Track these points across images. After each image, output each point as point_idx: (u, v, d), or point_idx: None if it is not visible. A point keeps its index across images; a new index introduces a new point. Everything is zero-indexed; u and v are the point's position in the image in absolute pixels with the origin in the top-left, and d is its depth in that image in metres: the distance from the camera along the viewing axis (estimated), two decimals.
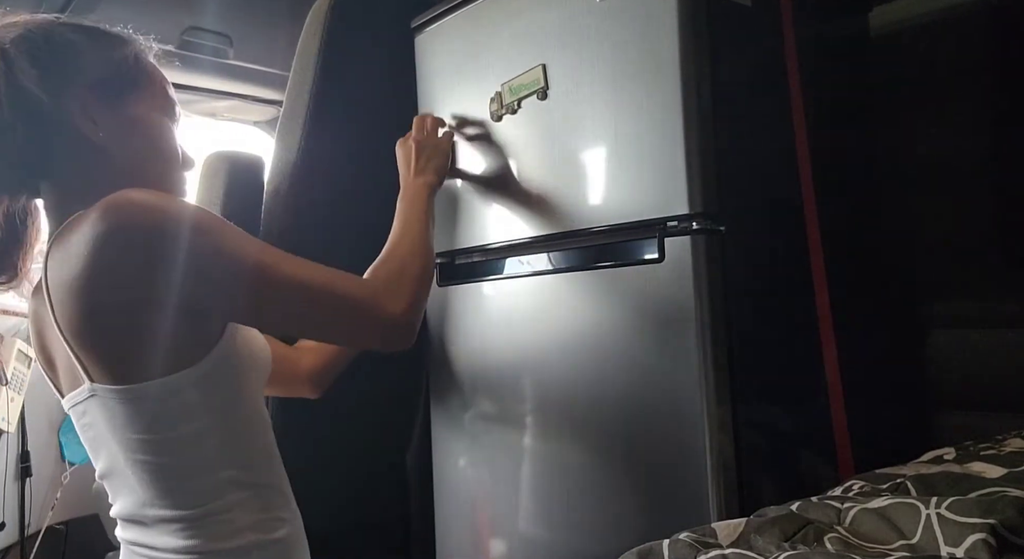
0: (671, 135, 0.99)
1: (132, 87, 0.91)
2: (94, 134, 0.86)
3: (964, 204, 1.37)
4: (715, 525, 0.74)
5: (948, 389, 1.37)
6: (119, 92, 0.89)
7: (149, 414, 0.82)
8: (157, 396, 0.81)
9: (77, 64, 0.86)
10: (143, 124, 0.91)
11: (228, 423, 0.87)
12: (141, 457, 0.84)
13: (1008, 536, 0.63)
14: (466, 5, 1.29)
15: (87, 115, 0.85)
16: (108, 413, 0.83)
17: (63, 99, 0.84)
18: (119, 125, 0.88)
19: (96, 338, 0.80)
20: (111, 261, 0.77)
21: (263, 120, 2.33)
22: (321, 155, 1.40)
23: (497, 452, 1.26)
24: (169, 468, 0.84)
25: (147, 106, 0.92)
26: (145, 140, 0.91)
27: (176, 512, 0.84)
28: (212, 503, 0.84)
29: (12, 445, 1.97)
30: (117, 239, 0.76)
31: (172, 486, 0.84)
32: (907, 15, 1.40)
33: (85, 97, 0.86)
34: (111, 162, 0.87)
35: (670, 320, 0.99)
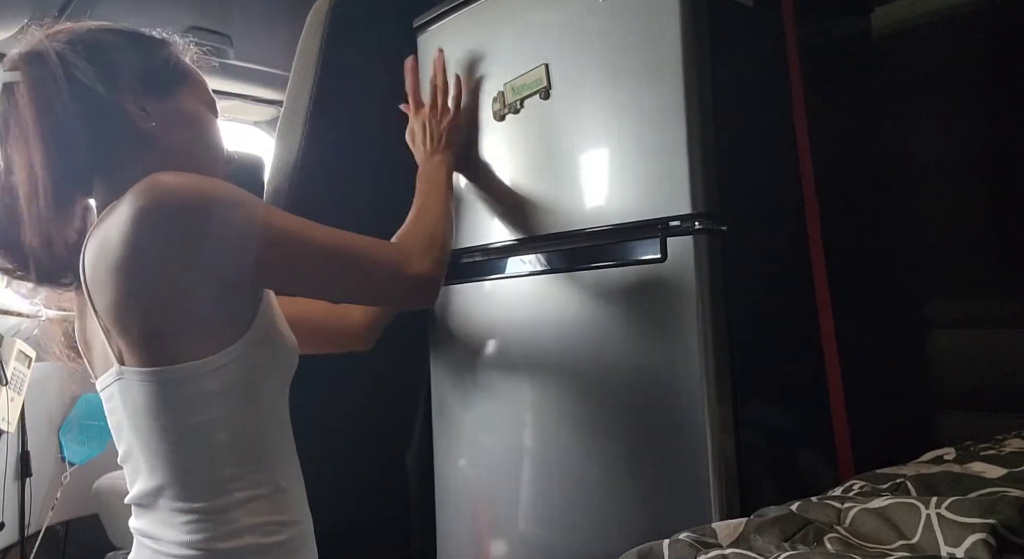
0: (673, 135, 0.99)
1: (178, 82, 0.95)
2: (146, 123, 0.89)
3: (964, 204, 1.37)
4: (715, 525, 0.74)
5: (948, 389, 1.37)
6: (167, 85, 0.93)
7: (168, 398, 0.83)
8: (178, 380, 0.82)
9: (126, 61, 0.90)
10: (191, 117, 0.95)
11: (242, 419, 0.87)
12: (154, 444, 0.85)
13: (1008, 536, 0.63)
14: (468, 5, 1.29)
15: (139, 105, 0.89)
16: (130, 397, 0.85)
17: (118, 92, 0.88)
18: (168, 116, 0.92)
19: (129, 319, 0.82)
20: (143, 240, 0.78)
21: (263, 120, 2.33)
22: (321, 155, 1.39)
23: (497, 452, 1.26)
24: (180, 457, 0.85)
25: (193, 100, 0.96)
26: (193, 132, 0.95)
27: (183, 504, 0.85)
28: (218, 499, 0.85)
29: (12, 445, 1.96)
30: (148, 218, 0.78)
31: (181, 477, 0.85)
32: (907, 15, 1.41)
33: (136, 89, 0.89)
34: (161, 152, 0.89)
35: (671, 320, 0.99)
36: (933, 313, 1.40)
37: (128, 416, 0.87)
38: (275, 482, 0.90)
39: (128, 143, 0.89)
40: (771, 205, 1.13)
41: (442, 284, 1.02)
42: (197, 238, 0.80)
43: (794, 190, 1.15)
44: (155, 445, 0.85)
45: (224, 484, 0.85)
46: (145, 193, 0.79)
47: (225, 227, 0.81)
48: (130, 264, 0.79)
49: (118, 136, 0.89)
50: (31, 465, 1.99)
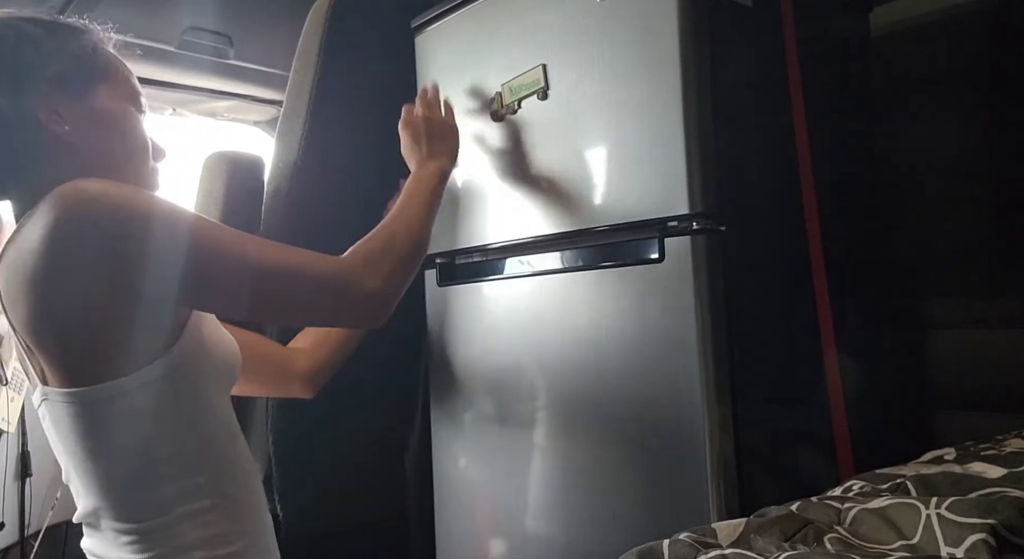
0: (671, 135, 0.99)
1: (95, 78, 0.87)
2: (59, 128, 0.83)
3: (964, 204, 1.37)
4: (715, 525, 0.74)
5: (948, 389, 1.37)
6: (82, 84, 0.86)
7: (94, 419, 0.79)
8: (103, 400, 0.78)
9: (36, 58, 0.83)
10: (109, 115, 0.88)
11: (180, 432, 0.83)
12: (88, 466, 0.81)
13: (1008, 536, 0.63)
14: (466, 5, 1.29)
15: (51, 110, 0.82)
16: (57, 418, 0.81)
17: (23, 96, 0.81)
18: (84, 118, 0.85)
19: (46, 336, 0.77)
20: (58, 252, 0.74)
21: (263, 120, 2.33)
22: (321, 155, 1.39)
23: (497, 452, 1.26)
24: (115, 478, 0.81)
25: (112, 96, 0.88)
26: (112, 132, 0.88)
27: (124, 524, 0.82)
28: (161, 516, 0.81)
29: (12, 445, 1.96)
30: (64, 229, 0.74)
31: (118, 497, 0.81)
32: (907, 15, 1.41)
33: (47, 91, 0.82)
34: (79, 156, 0.84)
35: (670, 320, 0.99)
36: (933, 313, 1.39)
37: (59, 438, 0.83)
38: (223, 492, 0.85)
39: (40, 149, 0.83)
40: (770, 205, 1.13)
41: (397, 300, 0.92)
42: (117, 250, 0.75)
43: (793, 190, 1.15)
44: (89, 467, 0.81)
45: (166, 501, 0.81)
46: (61, 202, 0.74)
47: (147, 239, 0.76)
48: (44, 278, 0.74)
49: (28, 143, 0.82)
50: (31, 465, 1.99)
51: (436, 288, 1.36)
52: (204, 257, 0.79)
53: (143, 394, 0.79)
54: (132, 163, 0.90)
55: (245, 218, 1.41)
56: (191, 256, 0.78)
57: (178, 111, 2.15)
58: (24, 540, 1.98)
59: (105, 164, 0.85)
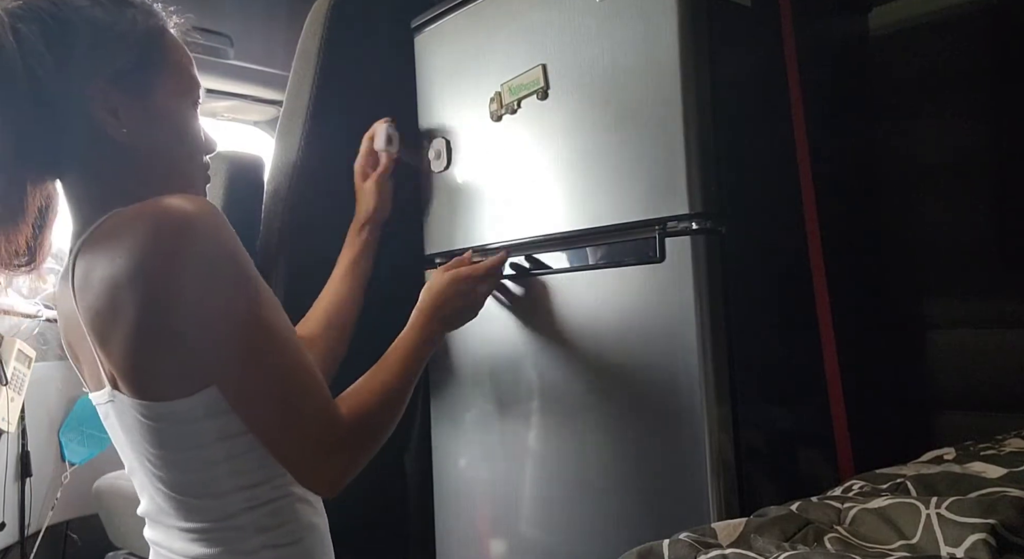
0: (670, 135, 0.99)
1: (156, 73, 0.83)
2: (117, 130, 0.80)
3: (964, 204, 1.37)
4: (715, 525, 0.74)
5: (948, 389, 1.37)
6: (143, 82, 0.82)
7: (163, 432, 0.79)
8: (172, 417, 0.78)
9: (97, 50, 0.78)
10: (167, 115, 0.84)
11: (241, 447, 0.82)
12: (155, 471, 0.82)
13: (1008, 536, 0.63)
14: (466, 5, 1.29)
15: (108, 109, 0.79)
16: (125, 421, 0.82)
17: (82, 92, 0.78)
18: (143, 118, 0.82)
19: (121, 348, 0.76)
20: (152, 275, 0.73)
21: (263, 120, 2.33)
22: (321, 155, 1.39)
23: (497, 452, 1.26)
24: (182, 485, 0.82)
25: (171, 93, 0.85)
26: (170, 132, 0.85)
27: (190, 524, 0.83)
28: (227, 516, 0.82)
29: (12, 445, 1.96)
30: (165, 253, 0.72)
31: (185, 501, 0.83)
32: (907, 15, 1.41)
33: (106, 92, 0.79)
34: (136, 156, 0.82)
35: (670, 320, 0.99)
36: (933, 313, 1.39)
37: (126, 438, 0.83)
38: (283, 493, 0.86)
39: (96, 145, 0.80)
40: (769, 205, 1.13)
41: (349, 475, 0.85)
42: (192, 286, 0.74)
43: (792, 190, 1.15)
44: (156, 469, 0.82)
45: (231, 501, 0.82)
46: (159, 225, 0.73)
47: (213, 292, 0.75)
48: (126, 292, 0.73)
49: (83, 138, 0.80)
50: (31, 465, 1.99)
51: None
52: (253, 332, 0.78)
53: (208, 413, 0.79)
54: (188, 162, 0.88)
55: (245, 218, 1.41)
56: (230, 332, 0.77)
57: None
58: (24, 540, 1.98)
59: (163, 165, 0.84)
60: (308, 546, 0.88)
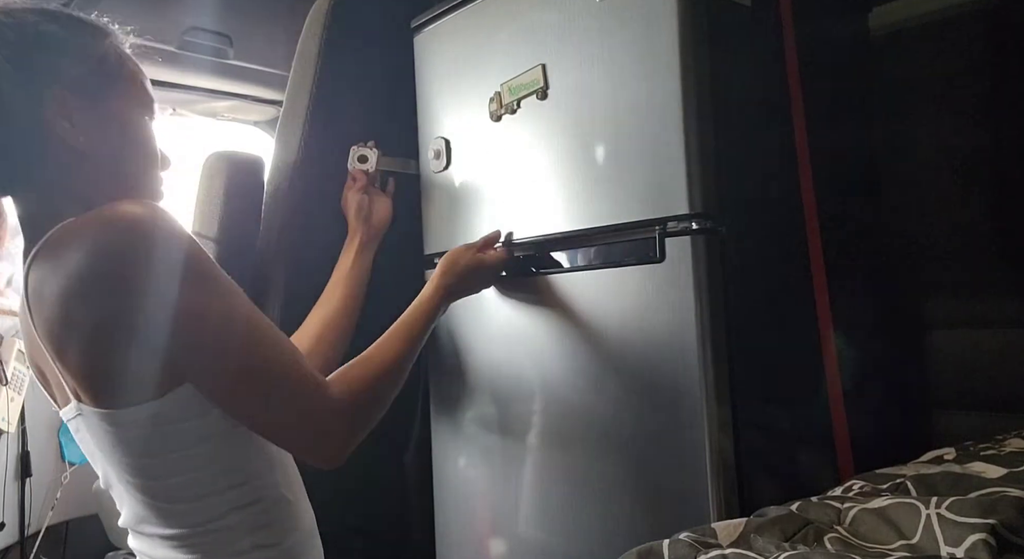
0: (670, 135, 0.99)
1: (112, 83, 0.84)
2: (73, 137, 0.79)
3: (964, 204, 1.37)
4: (715, 525, 0.74)
5: (948, 389, 1.36)
6: (99, 89, 0.82)
7: (136, 439, 0.78)
8: (143, 422, 0.77)
9: (54, 60, 0.79)
10: (124, 123, 0.85)
11: (223, 447, 0.81)
12: (131, 479, 0.80)
13: (1008, 536, 0.63)
14: (465, 5, 1.29)
15: (64, 116, 0.79)
16: (96, 433, 0.79)
17: (38, 100, 0.78)
18: (99, 126, 0.82)
19: (79, 358, 0.75)
20: (103, 280, 0.72)
21: (263, 120, 2.33)
22: (321, 155, 1.40)
23: (497, 452, 1.26)
24: (161, 491, 0.80)
25: (127, 103, 0.85)
26: (126, 140, 0.85)
27: (171, 531, 0.81)
28: (209, 524, 0.81)
29: (12, 445, 1.96)
30: (114, 257, 0.72)
31: (166, 508, 0.81)
32: (907, 15, 1.40)
33: (62, 97, 0.79)
34: (90, 164, 0.81)
35: (670, 320, 0.99)
36: (933, 313, 1.39)
37: (100, 450, 0.81)
38: (268, 494, 0.85)
39: (50, 154, 0.79)
40: (769, 205, 1.13)
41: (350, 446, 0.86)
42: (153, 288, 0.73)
43: (792, 190, 1.15)
44: (133, 479, 0.80)
45: (215, 502, 0.81)
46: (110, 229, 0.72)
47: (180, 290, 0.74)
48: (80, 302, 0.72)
49: (37, 147, 0.79)
50: (31, 465, 1.99)
51: None
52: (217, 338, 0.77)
53: (183, 415, 0.77)
54: (143, 173, 0.87)
55: (245, 218, 1.41)
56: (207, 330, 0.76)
57: (178, 111, 2.15)
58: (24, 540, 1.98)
59: (116, 172, 0.84)
60: (296, 542, 0.88)
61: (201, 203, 1.39)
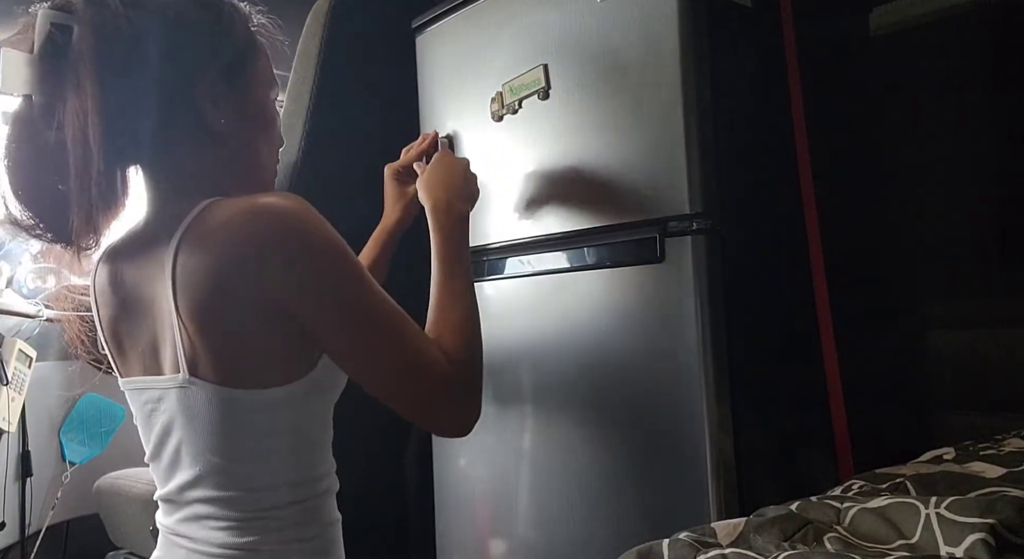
0: (671, 135, 0.99)
1: (253, 68, 0.87)
2: (215, 119, 0.83)
3: (964, 204, 1.37)
4: (715, 525, 0.74)
5: (948, 389, 1.37)
6: (241, 75, 0.86)
7: (232, 420, 0.80)
8: (250, 403, 0.79)
9: (205, 42, 0.83)
10: (259, 108, 0.89)
11: (304, 432, 0.85)
12: (213, 458, 0.82)
13: (1007, 536, 0.63)
14: (467, 6, 1.29)
15: (210, 99, 0.82)
16: (193, 407, 0.81)
17: (190, 78, 0.81)
18: (238, 110, 0.85)
19: (215, 332, 0.78)
20: (259, 263, 0.75)
21: None
22: (321, 155, 1.40)
23: (497, 452, 1.26)
24: (239, 475, 0.82)
25: (262, 86, 0.89)
26: (258, 125, 0.89)
27: (231, 513, 0.82)
28: (269, 512, 0.83)
29: (12, 445, 1.97)
30: (272, 244, 0.75)
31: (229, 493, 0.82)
32: (907, 15, 1.41)
33: (211, 80, 0.83)
34: (223, 146, 0.85)
35: (670, 320, 0.99)
36: (933, 313, 1.40)
37: (187, 424, 0.82)
38: (325, 484, 0.88)
39: (191, 132, 0.83)
40: (769, 205, 1.13)
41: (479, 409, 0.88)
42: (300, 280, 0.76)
43: (792, 190, 1.15)
44: (215, 459, 0.82)
45: (277, 494, 0.83)
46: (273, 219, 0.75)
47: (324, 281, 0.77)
48: (233, 279, 0.75)
49: (183, 127, 0.83)
50: (31, 465, 1.99)
51: None
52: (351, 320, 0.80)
53: (285, 408, 0.81)
54: (269, 157, 0.91)
55: None
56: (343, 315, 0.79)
57: None
58: (24, 540, 1.98)
59: (247, 156, 0.87)
60: (331, 539, 0.90)
61: None
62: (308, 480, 0.86)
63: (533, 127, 1.18)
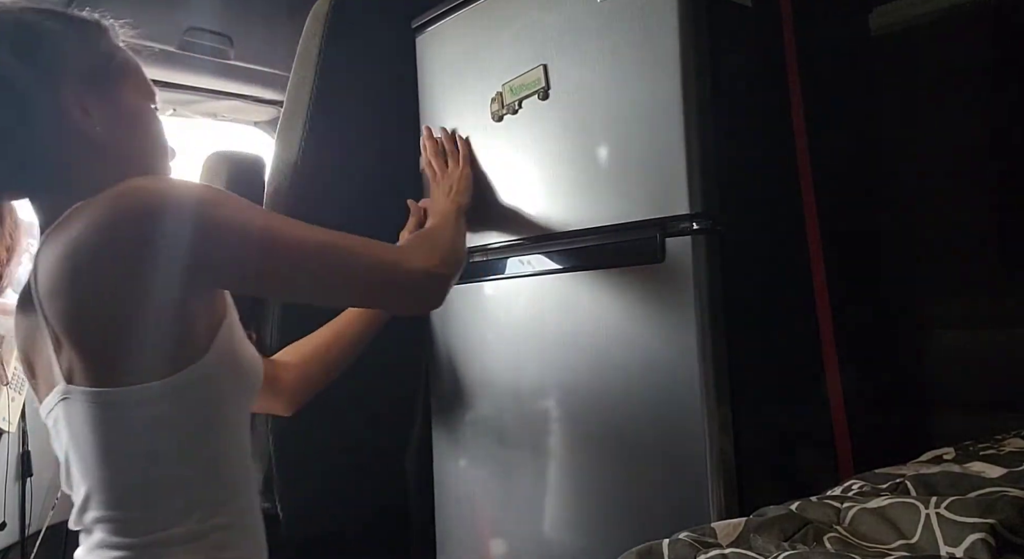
0: (671, 135, 0.99)
1: (120, 75, 0.86)
2: (90, 127, 0.81)
3: (964, 204, 1.37)
4: (715, 525, 0.74)
5: (948, 389, 1.37)
6: (109, 81, 0.85)
7: (113, 422, 0.77)
8: (127, 403, 0.76)
9: (64, 55, 0.81)
10: (136, 113, 0.87)
11: (193, 446, 0.80)
12: (96, 470, 0.78)
13: (1008, 536, 0.63)
14: (467, 5, 1.29)
15: (81, 107, 0.81)
16: (75, 419, 0.78)
17: (55, 92, 0.80)
18: (113, 116, 0.84)
19: (84, 330, 0.75)
20: (114, 248, 0.73)
21: (263, 120, 2.33)
22: (321, 155, 1.40)
23: (497, 451, 1.26)
24: (120, 486, 0.78)
25: (136, 94, 0.88)
26: (137, 130, 0.87)
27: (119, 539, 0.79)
28: (156, 533, 0.78)
29: (12, 445, 1.96)
30: (122, 224, 0.73)
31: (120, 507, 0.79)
32: (907, 15, 1.40)
33: (78, 88, 0.81)
34: (105, 154, 0.83)
35: (670, 320, 0.99)
36: (933, 313, 1.39)
37: (71, 440, 0.79)
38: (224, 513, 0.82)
39: (67, 145, 0.81)
40: (770, 205, 1.13)
41: (450, 285, 0.96)
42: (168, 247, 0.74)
43: (793, 190, 1.15)
44: (96, 472, 0.78)
45: (167, 517, 0.78)
46: (119, 199, 0.73)
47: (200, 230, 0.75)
48: (96, 269, 0.73)
49: (55, 139, 0.81)
50: (31, 465, 1.99)
51: None
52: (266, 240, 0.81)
53: (167, 402, 0.77)
54: (156, 162, 0.89)
55: None
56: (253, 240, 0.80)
57: (179, 111, 2.15)
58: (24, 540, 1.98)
59: (132, 163, 0.84)
60: None
61: None
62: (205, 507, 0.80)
63: (533, 127, 1.18)
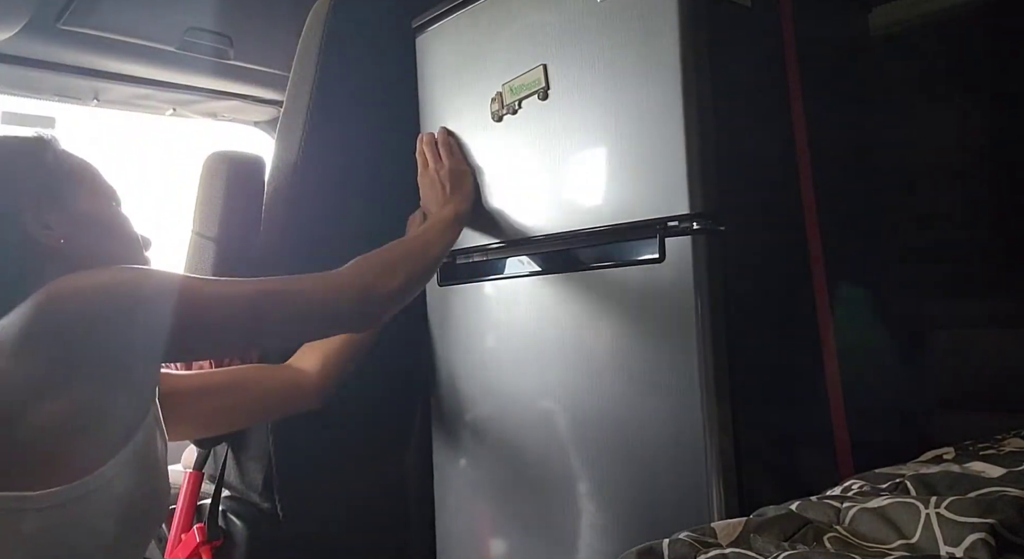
0: (671, 135, 0.99)
1: (72, 184, 0.89)
2: (53, 240, 0.83)
3: (964, 204, 1.37)
4: (715, 525, 0.74)
5: (948, 389, 1.37)
6: (63, 192, 0.87)
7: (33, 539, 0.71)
8: None
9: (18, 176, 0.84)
10: (96, 217, 0.89)
11: None
12: None
13: (1008, 536, 0.63)
14: (467, 5, 1.29)
15: (42, 223, 0.83)
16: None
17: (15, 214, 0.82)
18: (74, 225, 0.86)
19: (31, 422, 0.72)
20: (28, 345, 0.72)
21: (263, 120, 2.33)
22: (321, 155, 1.40)
23: (497, 451, 1.26)
24: None
25: (93, 198, 0.90)
26: (100, 233, 0.89)
27: None
28: None
29: None
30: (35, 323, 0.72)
31: None
32: (907, 15, 1.41)
33: (35, 206, 0.83)
34: (72, 263, 0.82)
35: (670, 320, 0.99)
36: (933, 313, 1.39)
37: None
38: None
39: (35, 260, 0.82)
40: (769, 205, 1.13)
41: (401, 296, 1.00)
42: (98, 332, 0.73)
43: (792, 190, 1.15)
44: None
45: None
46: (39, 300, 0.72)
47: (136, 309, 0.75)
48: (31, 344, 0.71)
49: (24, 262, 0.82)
50: None
51: (437, 288, 1.36)
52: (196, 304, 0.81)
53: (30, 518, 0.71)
54: (124, 257, 0.90)
55: (245, 218, 1.41)
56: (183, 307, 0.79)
57: (178, 111, 2.15)
58: None
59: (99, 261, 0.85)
60: None
61: (201, 203, 1.39)
62: None
63: (533, 127, 1.18)
